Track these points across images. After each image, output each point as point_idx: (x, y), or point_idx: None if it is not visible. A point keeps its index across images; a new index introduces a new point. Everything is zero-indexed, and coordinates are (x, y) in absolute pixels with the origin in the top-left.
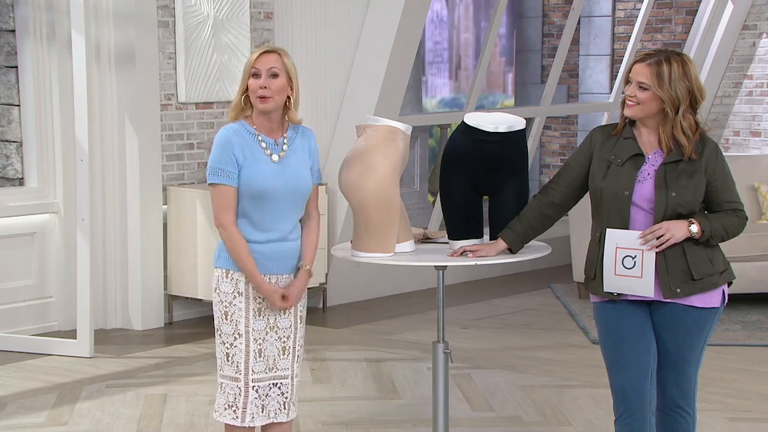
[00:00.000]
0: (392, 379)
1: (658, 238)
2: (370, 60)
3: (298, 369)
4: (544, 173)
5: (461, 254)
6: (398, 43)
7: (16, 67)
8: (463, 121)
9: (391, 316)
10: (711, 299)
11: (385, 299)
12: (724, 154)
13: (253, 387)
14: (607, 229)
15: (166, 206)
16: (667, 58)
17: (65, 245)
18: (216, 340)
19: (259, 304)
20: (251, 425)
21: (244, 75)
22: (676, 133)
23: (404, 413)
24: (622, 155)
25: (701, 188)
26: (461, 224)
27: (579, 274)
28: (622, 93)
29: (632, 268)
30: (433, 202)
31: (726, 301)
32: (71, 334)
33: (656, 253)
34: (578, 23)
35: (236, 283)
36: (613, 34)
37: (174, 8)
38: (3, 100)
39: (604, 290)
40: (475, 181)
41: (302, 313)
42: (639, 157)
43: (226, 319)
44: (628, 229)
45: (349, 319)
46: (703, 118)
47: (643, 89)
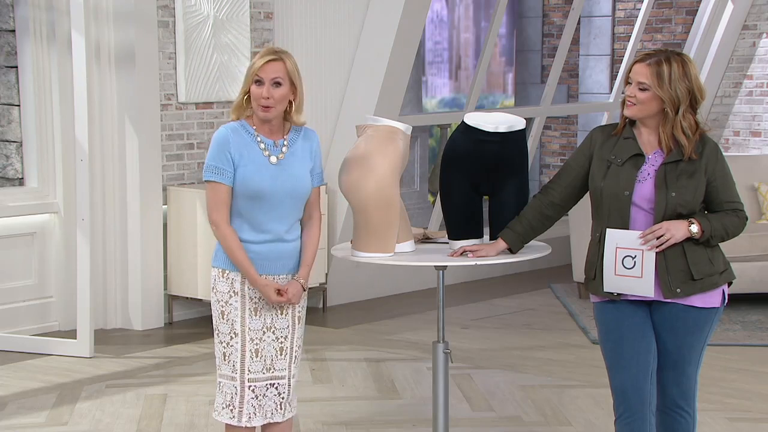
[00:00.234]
0: (392, 379)
1: (658, 238)
2: (370, 60)
3: (295, 370)
4: (544, 173)
5: (461, 254)
6: (398, 43)
7: (16, 67)
8: (463, 121)
9: (391, 316)
10: (711, 299)
11: (385, 299)
12: (724, 154)
13: (250, 387)
14: (607, 229)
15: (166, 206)
16: (667, 58)
17: (65, 245)
18: (214, 339)
19: (255, 303)
20: (249, 425)
21: (247, 78)
22: (676, 133)
23: (404, 413)
24: (622, 155)
25: (701, 188)
26: (461, 224)
27: (579, 274)
28: (622, 93)
29: (632, 268)
30: (433, 202)
31: (726, 301)
32: (71, 334)
33: (656, 253)
34: (578, 23)
35: (232, 282)
36: (613, 34)
37: (174, 8)
38: (3, 100)
39: (604, 290)
40: (475, 181)
41: (300, 314)
42: (639, 157)
43: (223, 318)
44: (628, 229)
45: (349, 319)
46: (703, 118)
47: (643, 89)
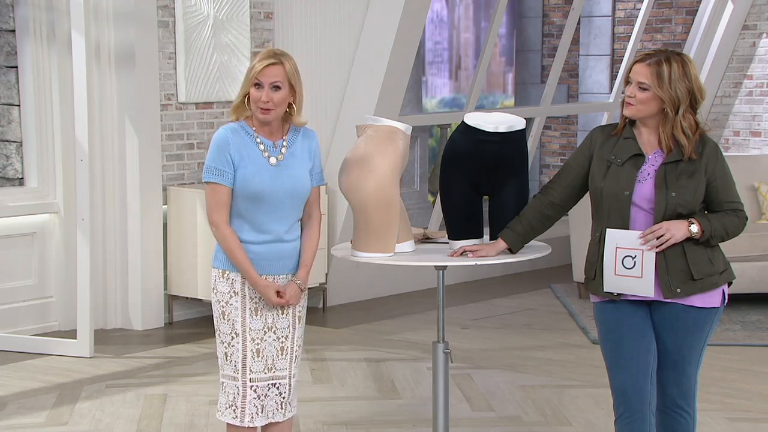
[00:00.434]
0: (392, 379)
1: (658, 238)
2: (370, 60)
3: (296, 369)
4: (544, 173)
5: (461, 254)
6: (398, 43)
7: (16, 67)
8: (463, 121)
9: (391, 316)
10: (711, 299)
11: (385, 299)
12: (724, 154)
13: (251, 387)
14: (607, 229)
15: (166, 206)
16: (667, 58)
17: (65, 245)
18: (216, 339)
19: (255, 303)
20: (251, 425)
21: (247, 80)
22: (676, 133)
23: (404, 413)
24: (622, 155)
25: (701, 188)
26: (461, 224)
27: (579, 274)
28: (622, 93)
29: (632, 268)
30: (433, 202)
31: (726, 301)
32: (71, 334)
33: (656, 253)
34: (578, 23)
35: (232, 282)
36: (613, 34)
37: (174, 8)
38: (3, 100)
39: (604, 290)
40: (475, 181)
41: (301, 314)
42: (639, 157)
43: (224, 318)
44: (628, 229)
45: (349, 319)
46: (703, 118)
47: (643, 89)
